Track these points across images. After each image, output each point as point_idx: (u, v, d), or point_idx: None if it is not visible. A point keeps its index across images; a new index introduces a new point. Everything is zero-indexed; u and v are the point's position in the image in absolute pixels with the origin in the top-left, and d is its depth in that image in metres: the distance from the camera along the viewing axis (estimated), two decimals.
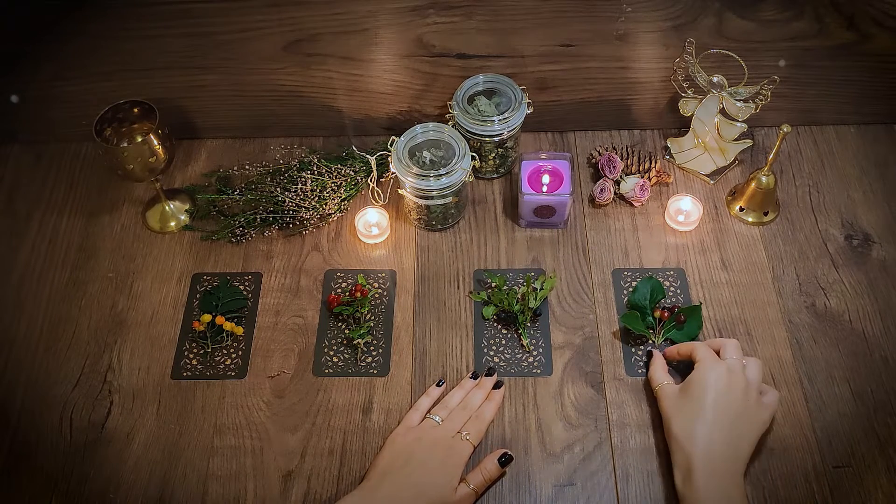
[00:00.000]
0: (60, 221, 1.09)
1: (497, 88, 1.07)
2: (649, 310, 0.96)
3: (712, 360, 0.85)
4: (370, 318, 0.98)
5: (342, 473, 0.87)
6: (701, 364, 0.85)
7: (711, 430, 0.80)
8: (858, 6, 0.99)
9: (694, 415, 0.82)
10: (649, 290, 0.97)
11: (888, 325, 0.95)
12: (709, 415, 0.81)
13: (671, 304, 0.98)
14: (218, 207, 1.09)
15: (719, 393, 0.82)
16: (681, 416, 0.83)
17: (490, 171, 1.10)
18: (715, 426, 0.80)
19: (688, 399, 0.83)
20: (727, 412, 0.81)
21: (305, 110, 1.13)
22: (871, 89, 1.10)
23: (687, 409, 0.83)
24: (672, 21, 1.01)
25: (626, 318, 0.94)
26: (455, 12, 1.00)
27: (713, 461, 0.78)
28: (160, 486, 0.86)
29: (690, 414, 0.82)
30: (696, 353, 0.87)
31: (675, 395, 0.85)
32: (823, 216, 1.06)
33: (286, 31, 1.02)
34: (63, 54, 1.05)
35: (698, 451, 0.79)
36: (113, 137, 1.01)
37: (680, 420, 0.83)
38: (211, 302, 0.99)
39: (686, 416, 0.82)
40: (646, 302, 0.96)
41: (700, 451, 0.79)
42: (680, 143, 1.12)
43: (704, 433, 0.80)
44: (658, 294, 0.97)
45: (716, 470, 0.78)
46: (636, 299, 0.97)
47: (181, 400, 0.93)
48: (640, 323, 0.94)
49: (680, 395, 0.85)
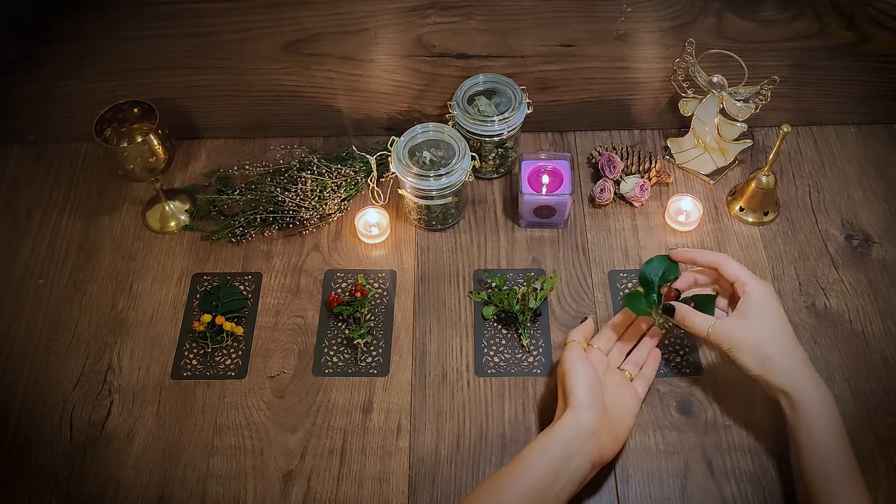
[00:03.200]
0: (60, 221, 1.09)
1: (497, 88, 1.07)
2: (656, 286, 0.91)
3: (756, 278, 0.84)
4: (370, 318, 0.98)
5: (342, 473, 0.87)
6: (751, 284, 0.83)
7: (792, 340, 0.81)
8: (858, 6, 0.99)
9: (780, 334, 0.81)
10: (663, 266, 0.92)
11: (888, 325, 0.95)
12: (786, 326, 0.82)
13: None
14: (218, 207, 1.09)
15: (778, 305, 0.83)
16: (768, 340, 0.81)
17: (490, 171, 1.10)
18: (791, 336, 0.82)
19: (761, 318, 0.82)
20: (787, 321, 0.83)
21: (305, 110, 1.13)
22: (871, 89, 1.10)
23: (766, 328, 0.81)
24: (672, 21, 1.01)
25: (629, 299, 0.90)
26: (455, 12, 1.00)
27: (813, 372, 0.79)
28: (160, 486, 0.86)
29: (773, 331, 0.81)
30: (731, 270, 0.85)
31: (741, 322, 0.83)
32: (823, 216, 1.06)
33: (286, 31, 1.02)
34: (63, 54, 1.05)
35: (802, 367, 0.79)
36: (113, 137, 1.01)
37: (767, 340, 0.81)
38: (211, 302, 0.99)
39: (770, 334, 0.81)
40: (656, 277, 0.91)
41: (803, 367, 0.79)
42: (680, 143, 1.12)
43: (791, 344, 0.81)
44: (670, 273, 0.91)
45: (817, 380, 0.79)
46: (647, 271, 0.91)
47: (181, 400, 0.93)
48: (642, 302, 0.89)
49: (749, 320, 0.82)
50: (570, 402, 0.80)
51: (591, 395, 0.80)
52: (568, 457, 0.76)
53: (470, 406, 0.91)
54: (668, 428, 0.88)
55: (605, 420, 0.80)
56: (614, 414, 0.82)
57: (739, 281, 0.85)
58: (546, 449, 0.77)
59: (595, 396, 0.81)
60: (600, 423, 0.79)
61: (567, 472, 0.76)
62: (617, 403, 0.84)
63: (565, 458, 0.76)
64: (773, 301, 0.83)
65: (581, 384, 0.81)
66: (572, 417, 0.79)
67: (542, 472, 0.75)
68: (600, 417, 0.80)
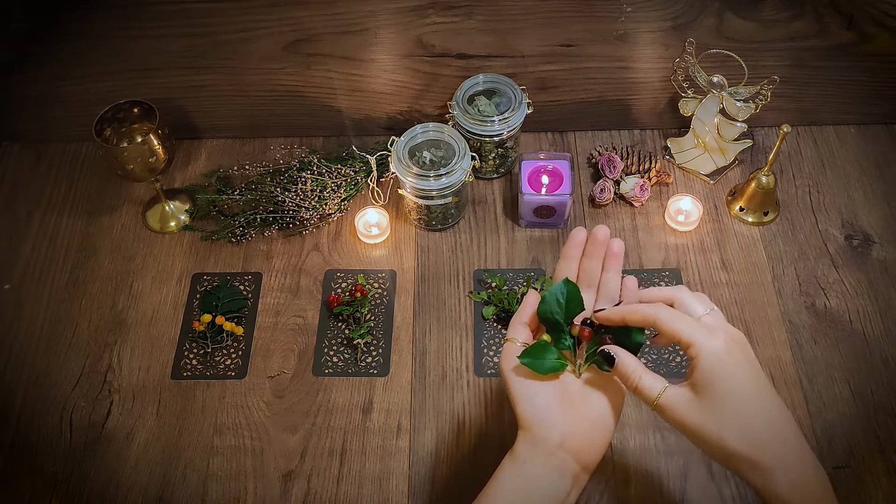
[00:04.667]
0: (60, 221, 1.09)
1: (497, 88, 1.07)
2: (565, 327, 0.68)
3: (705, 334, 0.61)
4: (370, 318, 0.98)
5: (342, 473, 0.87)
6: (697, 346, 0.61)
7: (765, 414, 0.61)
8: (858, 6, 0.98)
9: (740, 411, 0.60)
10: (564, 297, 0.67)
11: (888, 325, 0.95)
12: (754, 401, 0.61)
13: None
14: (218, 207, 1.09)
15: (741, 366, 0.61)
16: (724, 423, 0.60)
17: (490, 171, 1.10)
18: (762, 407, 0.61)
19: (717, 397, 0.61)
20: (759, 381, 0.62)
21: (305, 110, 1.13)
22: (871, 89, 1.10)
23: (725, 409, 0.60)
24: (672, 21, 1.01)
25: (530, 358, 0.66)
26: (455, 12, 1.00)
27: (786, 444, 0.61)
28: (160, 486, 0.86)
29: (735, 413, 0.60)
30: (670, 327, 0.62)
31: (693, 400, 0.62)
32: (823, 216, 1.06)
33: (286, 31, 1.02)
34: (63, 54, 1.05)
35: (768, 449, 0.60)
36: (113, 137, 1.01)
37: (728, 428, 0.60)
38: (211, 302, 0.99)
39: (731, 418, 0.60)
40: (559, 315, 0.68)
41: (769, 446, 0.60)
42: (680, 143, 1.12)
43: (763, 424, 0.60)
44: (575, 306, 0.68)
45: (789, 452, 0.61)
46: (548, 311, 0.67)
47: (181, 400, 0.93)
48: (551, 353, 0.66)
49: (703, 398, 0.61)
50: (519, 421, 0.66)
51: (538, 410, 0.65)
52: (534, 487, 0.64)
53: (470, 406, 0.91)
54: (667, 429, 0.88)
55: (570, 424, 0.65)
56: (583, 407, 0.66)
57: (682, 342, 0.62)
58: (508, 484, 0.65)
59: (545, 405, 0.66)
60: (562, 435, 0.65)
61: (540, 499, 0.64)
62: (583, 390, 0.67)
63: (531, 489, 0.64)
64: (733, 362, 0.61)
65: (523, 399, 0.66)
66: (526, 441, 0.65)
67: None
68: (560, 428, 0.65)
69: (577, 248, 0.71)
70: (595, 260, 0.71)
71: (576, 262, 0.71)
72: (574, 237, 0.71)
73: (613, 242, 0.71)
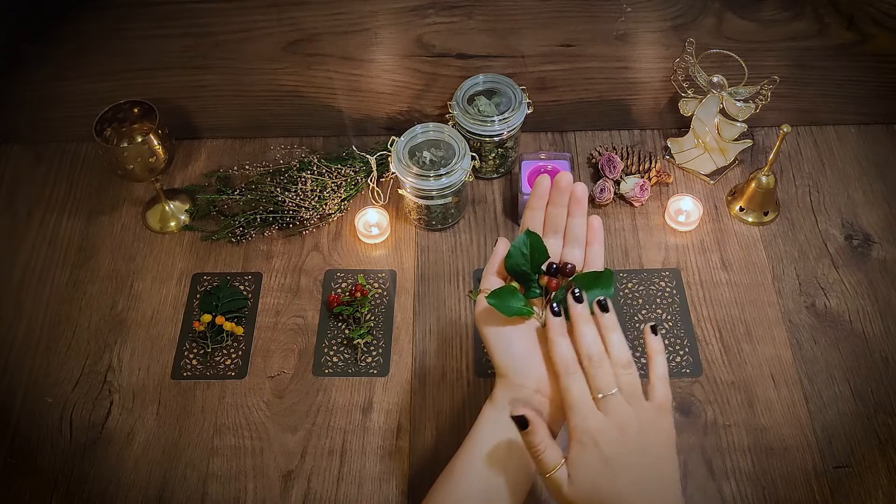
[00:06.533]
0: (60, 221, 1.09)
1: (497, 88, 1.07)
2: (533, 276, 0.69)
3: (580, 439, 0.62)
4: (370, 318, 0.98)
5: (342, 473, 0.87)
6: (571, 442, 0.62)
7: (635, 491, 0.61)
8: (858, 6, 0.99)
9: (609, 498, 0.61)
10: (528, 248, 0.68)
11: (888, 325, 0.95)
12: (620, 483, 0.60)
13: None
14: (218, 207, 1.09)
15: (612, 449, 0.61)
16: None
17: (490, 171, 1.10)
18: (632, 486, 0.61)
19: (585, 489, 0.61)
20: (631, 460, 0.61)
21: (305, 110, 1.13)
22: (871, 89, 1.10)
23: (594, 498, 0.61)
24: (672, 21, 1.01)
25: (496, 297, 0.66)
26: (455, 12, 1.00)
27: None
28: (160, 486, 0.86)
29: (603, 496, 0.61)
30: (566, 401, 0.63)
31: (570, 486, 0.62)
32: (823, 216, 1.06)
33: (286, 31, 1.02)
34: (63, 54, 1.05)
35: None
36: (113, 137, 1.01)
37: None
38: (211, 302, 0.99)
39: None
40: (525, 266, 0.68)
41: None
42: (680, 143, 1.12)
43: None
44: (539, 255, 0.68)
45: None
46: (512, 266, 0.68)
47: (181, 400, 0.93)
48: (515, 298, 0.67)
49: (574, 487, 0.62)
50: (496, 369, 0.68)
51: (513, 359, 0.67)
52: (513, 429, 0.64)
53: (470, 406, 0.91)
54: None
55: (545, 370, 0.67)
56: None
57: (567, 420, 0.63)
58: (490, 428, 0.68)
59: (520, 354, 0.67)
60: (538, 380, 0.66)
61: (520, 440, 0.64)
62: None
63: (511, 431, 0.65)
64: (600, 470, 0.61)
65: (499, 348, 0.67)
66: (504, 388, 0.67)
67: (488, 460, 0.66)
68: (536, 373, 0.66)
69: (541, 199, 0.72)
70: (560, 207, 0.71)
71: (541, 212, 0.72)
72: (538, 186, 0.72)
73: (577, 187, 0.71)
